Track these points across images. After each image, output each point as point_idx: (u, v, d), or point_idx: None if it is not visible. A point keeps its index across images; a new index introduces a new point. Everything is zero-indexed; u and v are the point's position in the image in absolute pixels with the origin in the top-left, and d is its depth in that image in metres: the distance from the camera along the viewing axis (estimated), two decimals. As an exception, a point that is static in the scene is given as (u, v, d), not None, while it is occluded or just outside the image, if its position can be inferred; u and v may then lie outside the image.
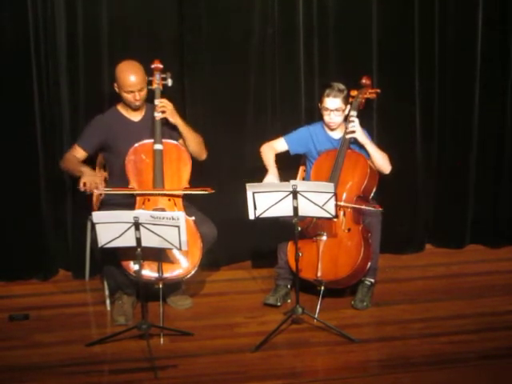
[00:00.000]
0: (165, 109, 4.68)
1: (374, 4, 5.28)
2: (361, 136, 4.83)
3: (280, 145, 4.96)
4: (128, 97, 4.68)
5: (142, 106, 4.78)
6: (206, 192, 4.62)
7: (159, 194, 4.62)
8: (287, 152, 4.98)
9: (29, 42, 4.91)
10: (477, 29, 5.37)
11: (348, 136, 4.81)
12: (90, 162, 4.82)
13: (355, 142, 4.86)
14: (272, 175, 4.80)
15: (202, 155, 4.86)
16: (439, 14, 5.35)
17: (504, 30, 5.40)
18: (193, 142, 4.78)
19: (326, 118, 4.85)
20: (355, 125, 4.81)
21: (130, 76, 4.63)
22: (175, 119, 4.73)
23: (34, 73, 4.97)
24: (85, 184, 4.49)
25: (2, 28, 4.91)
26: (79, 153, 4.74)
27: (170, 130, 4.78)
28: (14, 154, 5.03)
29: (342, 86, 4.83)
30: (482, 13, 5.36)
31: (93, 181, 4.51)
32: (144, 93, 4.70)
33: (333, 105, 4.81)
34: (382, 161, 4.85)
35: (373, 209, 4.72)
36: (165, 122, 4.74)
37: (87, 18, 4.97)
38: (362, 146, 4.86)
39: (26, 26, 4.89)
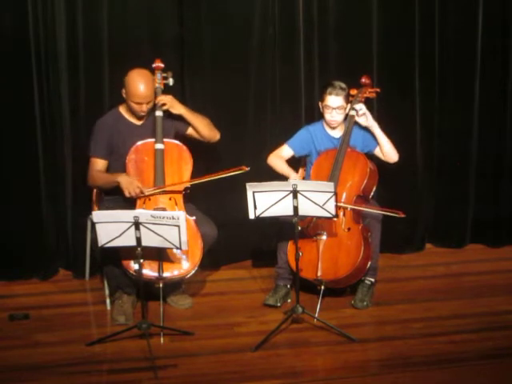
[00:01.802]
0: (164, 100, 4.68)
1: (373, 4, 5.28)
2: (369, 117, 4.86)
3: (285, 152, 4.96)
4: (135, 107, 4.66)
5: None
6: (242, 171, 4.58)
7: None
8: (293, 157, 4.98)
9: (29, 42, 4.91)
10: (477, 28, 5.38)
11: (358, 118, 4.83)
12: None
13: (359, 127, 4.89)
14: (294, 176, 4.83)
15: (216, 136, 4.86)
16: (439, 13, 5.36)
17: (504, 29, 5.41)
18: (202, 125, 4.78)
19: (328, 116, 4.86)
20: (362, 107, 4.84)
21: (141, 87, 4.59)
22: (177, 109, 4.73)
23: (34, 73, 4.97)
24: (130, 194, 4.51)
25: (2, 28, 4.91)
26: (99, 164, 4.71)
27: (177, 122, 4.78)
28: (14, 154, 5.03)
29: (343, 85, 4.83)
30: (482, 12, 5.37)
31: (135, 187, 4.51)
32: (151, 105, 4.68)
33: (335, 103, 4.81)
34: (389, 146, 4.87)
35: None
36: (168, 115, 4.74)
37: (87, 17, 4.97)
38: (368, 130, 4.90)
39: (25, 25, 4.89)
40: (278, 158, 4.93)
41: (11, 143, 5.02)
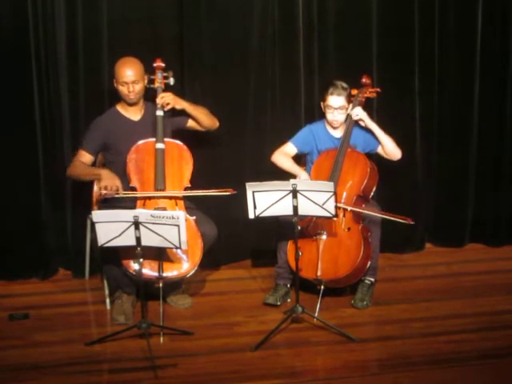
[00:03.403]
0: (168, 100, 4.69)
1: (373, 4, 5.29)
2: (368, 120, 4.85)
3: (289, 149, 4.95)
4: (123, 89, 4.69)
5: (141, 104, 4.78)
6: (228, 193, 4.57)
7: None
8: (296, 154, 4.97)
9: (29, 43, 4.92)
10: (477, 28, 5.39)
11: (354, 118, 4.83)
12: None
13: (359, 128, 4.89)
14: (304, 175, 4.83)
15: (216, 124, 4.89)
16: (439, 13, 5.36)
17: (504, 29, 5.42)
18: (203, 116, 4.81)
19: (330, 116, 4.86)
20: (360, 111, 4.84)
21: (125, 68, 4.65)
22: (181, 104, 4.75)
23: (33, 73, 4.97)
24: (106, 187, 4.49)
25: (2, 27, 4.91)
26: (85, 157, 4.72)
27: (174, 118, 4.80)
28: (14, 154, 5.03)
29: (345, 85, 4.84)
30: (481, 12, 5.37)
31: (113, 184, 4.50)
32: (139, 87, 4.70)
33: (337, 103, 4.81)
34: (391, 144, 4.87)
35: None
36: (170, 114, 4.75)
37: (87, 17, 4.98)
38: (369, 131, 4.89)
39: (25, 26, 4.90)
40: (284, 156, 4.91)
41: (11, 143, 5.01)
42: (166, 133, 4.73)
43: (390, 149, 4.88)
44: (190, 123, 4.84)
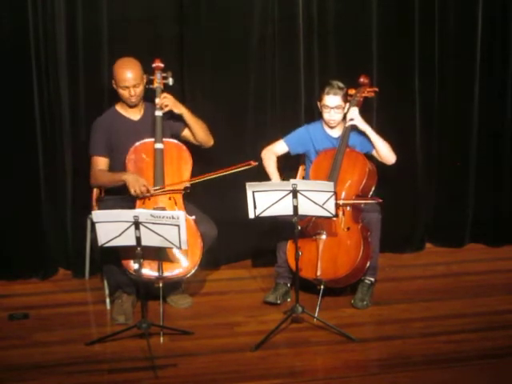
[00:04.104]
0: (167, 102, 4.69)
1: (373, 4, 5.29)
2: (361, 123, 4.84)
3: (280, 147, 4.97)
4: (124, 93, 4.69)
5: (140, 104, 4.79)
6: (250, 166, 4.59)
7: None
8: (287, 153, 4.99)
9: (29, 43, 4.92)
10: (477, 28, 5.39)
11: (348, 124, 4.81)
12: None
13: (356, 130, 4.87)
14: (275, 179, 4.84)
15: (210, 141, 4.88)
16: (439, 13, 5.36)
17: (504, 29, 5.41)
18: (200, 129, 4.80)
19: (326, 115, 4.86)
20: (354, 113, 4.83)
21: (126, 72, 4.65)
22: (179, 109, 4.74)
23: (33, 73, 4.97)
24: (136, 192, 4.51)
25: (2, 27, 4.91)
26: (101, 162, 4.72)
27: (172, 122, 4.79)
28: (14, 154, 5.03)
29: (341, 84, 4.84)
30: (481, 11, 5.37)
31: (141, 185, 4.52)
32: (140, 90, 4.70)
33: (333, 102, 4.82)
34: (385, 148, 4.86)
35: (371, 201, 4.71)
36: (168, 116, 4.75)
37: (87, 17, 4.98)
38: (363, 134, 4.88)
39: (25, 26, 4.90)
40: (271, 154, 4.94)
41: (11, 143, 5.01)
42: (165, 134, 4.73)
43: (384, 153, 4.87)
44: (186, 133, 4.83)
